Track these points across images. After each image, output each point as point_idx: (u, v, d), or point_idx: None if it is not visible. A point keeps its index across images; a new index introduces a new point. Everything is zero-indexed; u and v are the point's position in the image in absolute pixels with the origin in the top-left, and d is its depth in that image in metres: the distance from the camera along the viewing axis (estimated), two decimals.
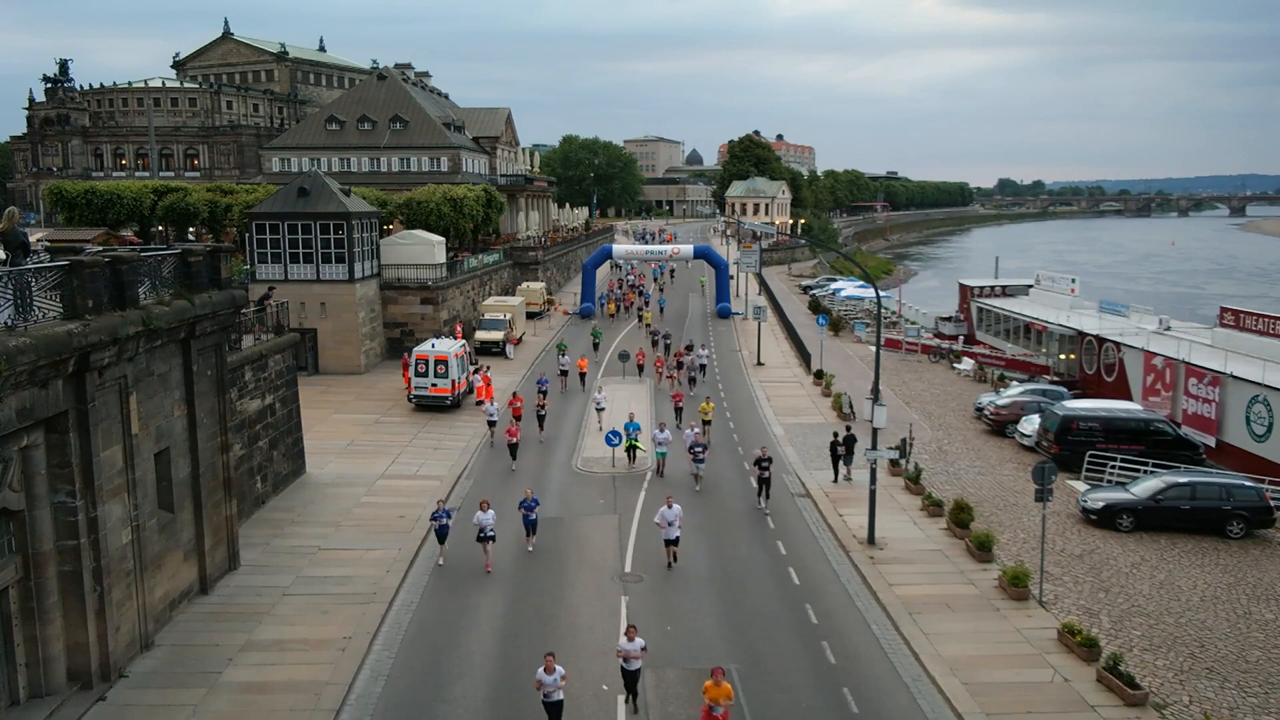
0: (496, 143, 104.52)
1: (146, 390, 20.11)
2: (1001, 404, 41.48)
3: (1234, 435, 38.01)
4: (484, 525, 24.22)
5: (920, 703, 18.56)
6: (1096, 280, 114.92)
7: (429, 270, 53.56)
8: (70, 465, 17.32)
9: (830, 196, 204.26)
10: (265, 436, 29.75)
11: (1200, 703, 18.63)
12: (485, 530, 24.20)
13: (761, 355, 55.07)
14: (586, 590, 23.66)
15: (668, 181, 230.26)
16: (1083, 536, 28.07)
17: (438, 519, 24.84)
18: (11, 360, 14.94)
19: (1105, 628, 21.84)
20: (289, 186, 51.16)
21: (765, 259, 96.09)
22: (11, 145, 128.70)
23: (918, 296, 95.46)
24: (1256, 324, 45.36)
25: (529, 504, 25.69)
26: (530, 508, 25.65)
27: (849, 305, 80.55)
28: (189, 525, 22.14)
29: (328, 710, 17.73)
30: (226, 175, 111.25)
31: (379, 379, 47.28)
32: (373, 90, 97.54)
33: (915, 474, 31.83)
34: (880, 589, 23.62)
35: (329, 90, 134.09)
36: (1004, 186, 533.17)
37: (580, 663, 19.86)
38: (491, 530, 24.27)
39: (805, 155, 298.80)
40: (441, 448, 35.98)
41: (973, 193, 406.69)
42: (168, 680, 18.66)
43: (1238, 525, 28.32)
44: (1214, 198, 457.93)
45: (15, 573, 16.71)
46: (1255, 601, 23.76)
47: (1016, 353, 58.57)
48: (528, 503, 25.71)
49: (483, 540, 24.25)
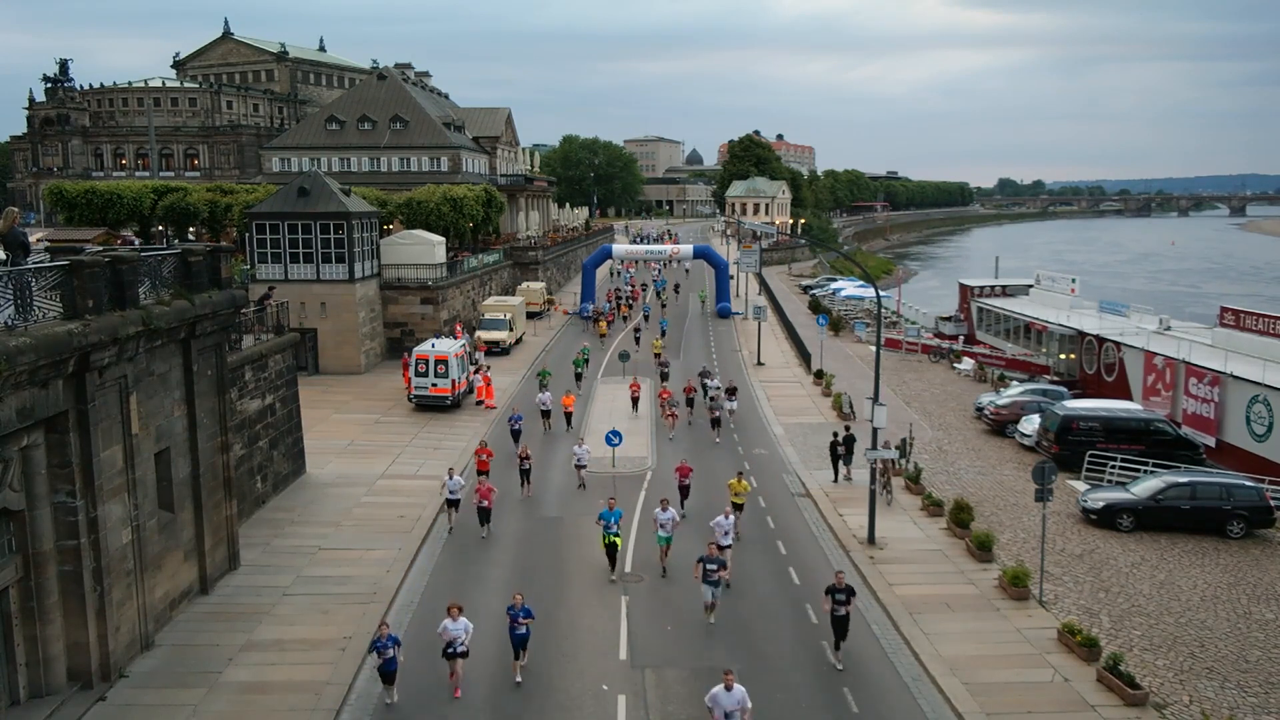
0: (496, 143, 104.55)
1: (147, 390, 20.11)
2: (1001, 404, 41.49)
3: (1234, 435, 38.02)
4: (453, 639, 18.37)
5: (920, 703, 18.56)
6: (1096, 280, 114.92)
7: (429, 270, 53.59)
8: (70, 465, 17.32)
9: (830, 196, 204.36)
10: (265, 436, 29.75)
11: (1200, 702, 18.63)
12: (455, 645, 18.38)
13: (761, 355, 55.08)
14: (586, 590, 23.66)
15: (668, 181, 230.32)
16: (1083, 536, 28.07)
17: (381, 650, 17.85)
18: (12, 360, 14.94)
19: (1105, 628, 21.84)
20: (289, 186, 51.17)
21: (765, 259, 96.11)
22: (11, 145, 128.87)
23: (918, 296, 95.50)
24: (1256, 324, 45.34)
25: (519, 612, 19.19)
26: (519, 616, 19.18)
27: (849, 305, 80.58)
28: (189, 525, 22.14)
29: (328, 710, 17.73)
30: (226, 175, 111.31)
31: (379, 379, 47.29)
32: (373, 90, 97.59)
33: (915, 474, 31.83)
34: (880, 589, 23.62)
35: (329, 90, 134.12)
36: (1004, 186, 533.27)
37: (580, 663, 19.87)
38: (464, 645, 18.39)
39: (805, 155, 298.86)
40: (442, 448, 35.98)
41: (973, 193, 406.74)
42: (168, 680, 18.65)
43: (1238, 525, 28.31)
44: (1214, 197, 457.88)
45: (15, 572, 16.70)
46: (1255, 601, 23.76)
47: (1016, 353, 58.59)
48: (517, 610, 19.20)
49: (451, 657, 18.41)
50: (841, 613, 19.77)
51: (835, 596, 19.81)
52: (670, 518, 24.30)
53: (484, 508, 27.08)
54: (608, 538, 23.97)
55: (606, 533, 23.95)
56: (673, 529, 24.30)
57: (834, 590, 19.89)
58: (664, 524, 24.21)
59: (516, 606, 19.31)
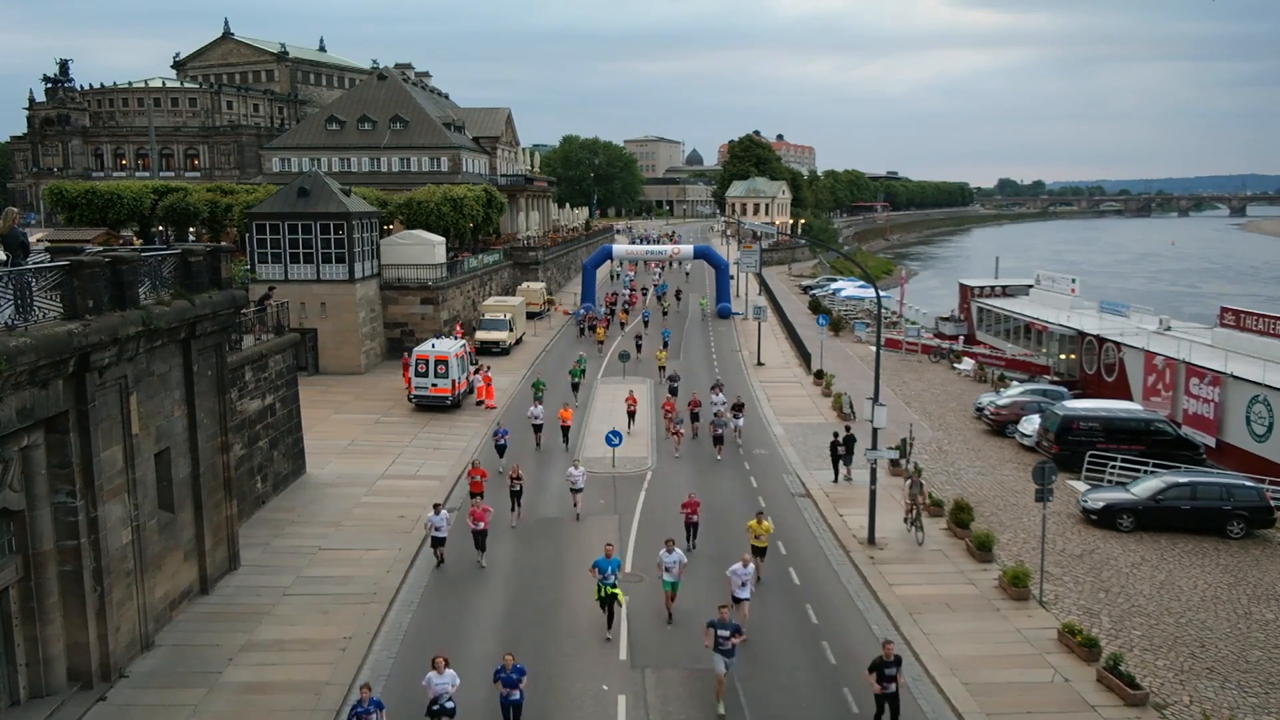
0: (497, 143, 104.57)
1: (147, 390, 20.12)
2: (1002, 404, 41.48)
3: (1234, 435, 38.02)
4: (439, 694, 16.55)
5: (920, 703, 18.55)
6: (1096, 280, 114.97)
7: (429, 270, 53.60)
8: (70, 465, 17.33)
9: (830, 196, 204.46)
10: (265, 436, 29.75)
11: (1200, 703, 18.63)
12: (440, 701, 16.52)
13: (761, 355, 55.08)
14: (586, 591, 23.62)
15: (668, 181, 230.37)
16: (1083, 536, 28.06)
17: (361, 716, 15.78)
18: (12, 360, 14.95)
19: (1105, 628, 21.84)
20: (289, 186, 51.19)
21: (765, 259, 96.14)
22: (11, 145, 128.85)
23: (918, 296, 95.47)
24: (1257, 324, 45.37)
25: (510, 675, 16.81)
26: (512, 681, 16.82)
27: (849, 305, 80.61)
28: (189, 525, 22.15)
29: (328, 710, 17.73)
30: (226, 175, 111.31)
31: (379, 379, 47.30)
32: (373, 90, 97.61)
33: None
34: (880, 589, 23.61)
35: (329, 90, 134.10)
36: (1004, 186, 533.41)
37: (580, 663, 19.87)
38: (451, 701, 16.62)
39: (805, 155, 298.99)
40: (442, 448, 35.98)
41: (973, 193, 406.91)
42: (168, 680, 18.66)
43: (1238, 525, 28.31)
44: (1214, 198, 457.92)
45: (15, 573, 16.71)
46: (1255, 601, 23.76)
47: (1017, 353, 58.58)
48: (508, 674, 16.80)
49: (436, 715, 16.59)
50: (892, 689, 16.80)
51: (884, 672, 16.74)
52: (677, 560, 21.43)
53: (480, 531, 24.65)
54: (604, 589, 20.60)
55: (602, 584, 20.57)
56: (680, 573, 21.62)
57: (882, 665, 16.78)
58: (670, 567, 21.35)
59: (507, 668, 16.75)
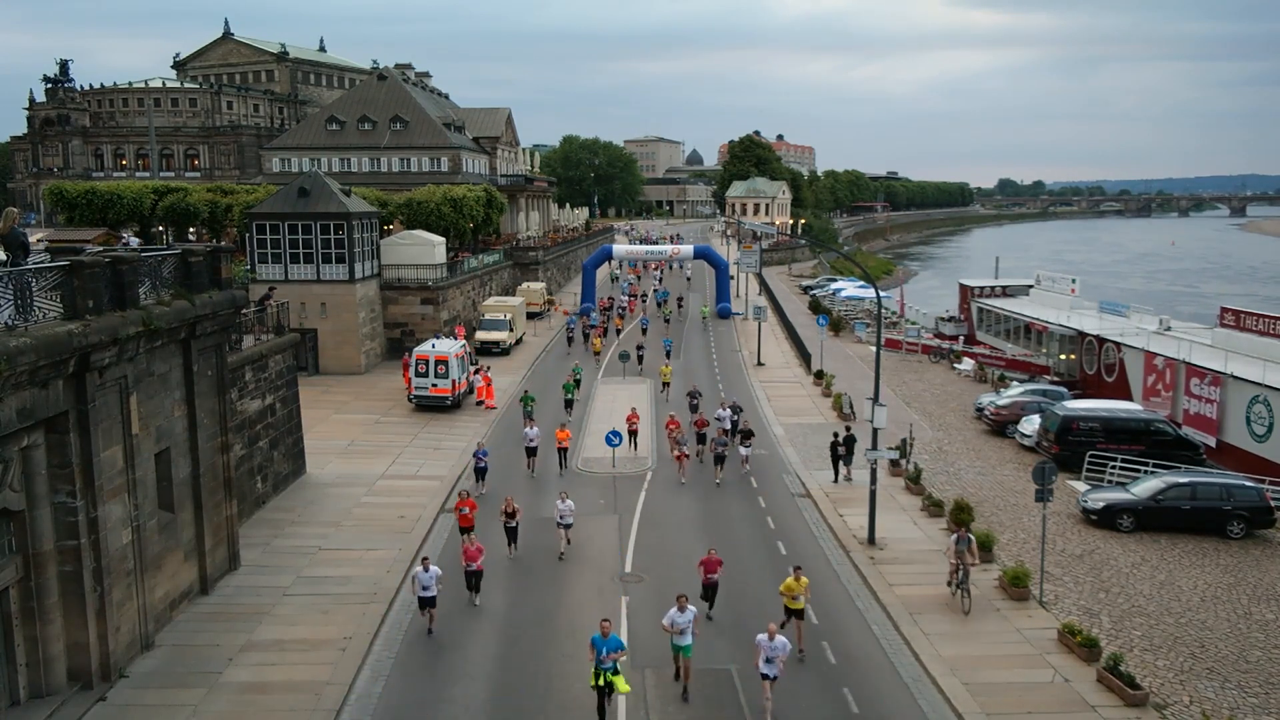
0: (497, 143, 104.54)
1: (147, 390, 20.11)
2: (1002, 404, 41.48)
3: (1234, 435, 38.01)
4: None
5: (920, 703, 18.56)
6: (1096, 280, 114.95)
7: (429, 270, 53.59)
8: (70, 465, 17.32)
9: (830, 197, 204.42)
10: (265, 437, 29.75)
11: (1200, 703, 18.63)
12: None
13: (762, 355, 55.08)
14: (586, 590, 23.64)
15: (668, 182, 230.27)
16: (1083, 537, 28.06)
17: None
18: (12, 360, 14.94)
19: (1105, 628, 21.84)
20: (289, 187, 51.19)
21: (765, 259, 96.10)
22: (11, 145, 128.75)
23: (918, 296, 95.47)
24: (1256, 324, 45.37)
25: None
26: None
27: (849, 305, 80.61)
28: (189, 525, 22.14)
29: (328, 710, 17.73)
30: (227, 175, 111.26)
31: (379, 379, 47.30)
32: (373, 90, 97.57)
33: (915, 474, 31.83)
34: (880, 589, 23.62)
35: (329, 90, 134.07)
36: (1004, 187, 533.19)
37: (580, 663, 19.84)
38: None
39: (806, 155, 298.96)
40: (442, 448, 35.98)
41: (973, 193, 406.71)
42: (168, 680, 18.66)
43: (1238, 525, 28.31)
44: (1214, 198, 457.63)
45: (16, 573, 16.71)
46: (1256, 601, 23.76)
47: (1017, 353, 58.57)
48: None
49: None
50: None
51: None
52: (690, 620, 18.36)
53: (473, 571, 22.46)
54: (600, 676, 17.10)
55: (599, 668, 17.10)
56: (692, 633, 18.54)
57: None
58: (683, 629, 18.32)
59: None
